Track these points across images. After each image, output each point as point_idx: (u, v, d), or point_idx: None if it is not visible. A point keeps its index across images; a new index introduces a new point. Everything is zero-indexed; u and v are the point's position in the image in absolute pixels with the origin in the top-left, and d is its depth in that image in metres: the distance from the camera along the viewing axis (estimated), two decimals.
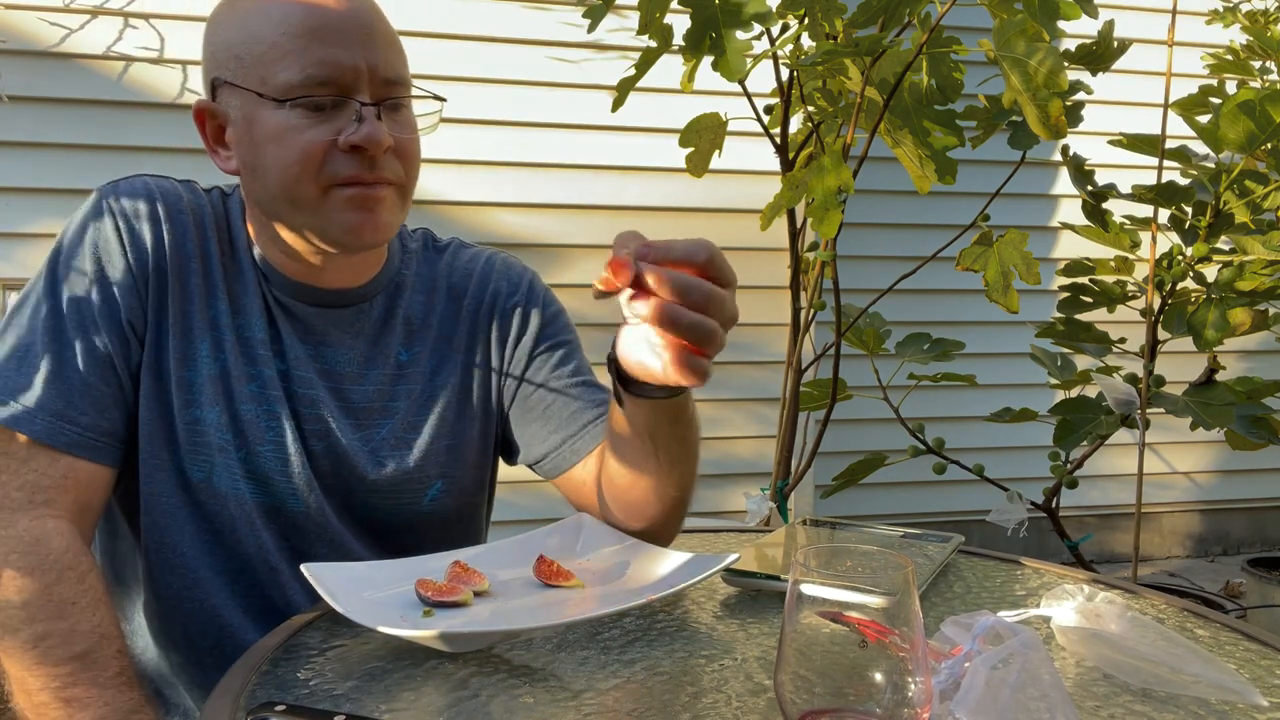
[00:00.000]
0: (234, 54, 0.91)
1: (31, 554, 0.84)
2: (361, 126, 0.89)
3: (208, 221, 0.98)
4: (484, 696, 0.69)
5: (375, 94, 0.92)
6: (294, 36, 0.89)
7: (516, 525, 0.93)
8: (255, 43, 0.90)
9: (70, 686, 0.80)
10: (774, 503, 2.13)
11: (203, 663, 0.98)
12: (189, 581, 0.96)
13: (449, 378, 1.06)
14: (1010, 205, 2.49)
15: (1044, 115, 1.59)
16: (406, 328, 1.05)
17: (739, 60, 1.64)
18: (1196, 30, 2.97)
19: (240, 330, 0.97)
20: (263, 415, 0.96)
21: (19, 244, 2.60)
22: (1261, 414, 1.91)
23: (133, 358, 0.93)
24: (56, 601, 0.83)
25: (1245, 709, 0.70)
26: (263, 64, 0.90)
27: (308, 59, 0.89)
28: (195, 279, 0.95)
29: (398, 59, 0.95)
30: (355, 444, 1.00)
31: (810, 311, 2.12)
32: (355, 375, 1.02)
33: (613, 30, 2.89)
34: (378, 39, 0.92)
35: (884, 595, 0.56)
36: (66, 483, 0.89)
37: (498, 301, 1.09)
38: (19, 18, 2.57)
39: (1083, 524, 3.54)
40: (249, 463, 0.96)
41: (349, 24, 0.90)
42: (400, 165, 0.94)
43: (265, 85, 0.90)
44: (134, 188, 0.95)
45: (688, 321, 0.72)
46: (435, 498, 1.05)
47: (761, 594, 0.93)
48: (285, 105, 0.89)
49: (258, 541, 0.97)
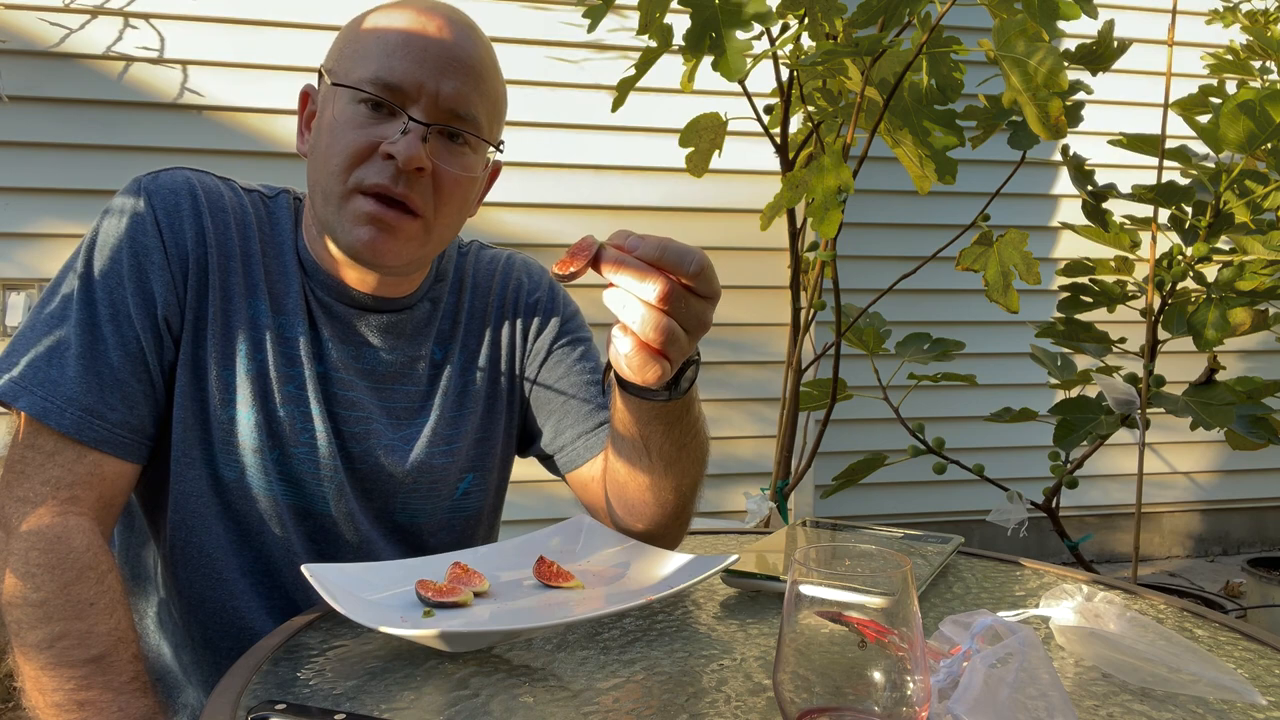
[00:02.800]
0: (341, 49, 0.95)
1: (52, 551, 0.83)
2: (402, 140, 0.90)
3: (249, 220, 0.97)
4: (484, 696, 0.69)
5: (432, 116, 0.92)
6: (388, 43, 0.92)
7: (517, 525, 0.93)
8: (360, 42, 0.94)
9: (85, 690, 0.80)
10: (774, 503, 2.13)
11: (219, 663, 0.97)
12: (213, 581, 0.95)
13: (478, 373, 1.08)
14: (1010, 205, 2.49)
15: (1044, 115, 1.59)
16: (440, 326, 1.07)
17: (739, 60, 1.64)
18: (1196, 30, 2.97)
19: (280, 330, 0.96)
20: (298, 417, 0.96)
21: (19, 244, 2.60)
22: (1261, 414, 1.91)
23: (166, 355, 0.92)
24: (75, 601, 0.82)
25: (1244, 708, 0.70)
26: (354, 60, 0.93)
27: (384, 63, 0.91)
28: (236, 277, 0.95)
29: (473, 96, 0.95)
30: (395, 443, 1.01)
31: (810, 311, 2.12)
32: (395, 376, 1.02)
33: (613, 30, 2.90)
34: (461, 71, 0.93)
35: (883, 595, 0.56)
36: (92, 480, 0.88)
37: (520, 297, 1.11)
38: (19, 18, 2.57)
39: (1083, 524, 3.54)
40: (282, 464, 0.96)
41: (436, 48, 0.92)
42: (433, 196, 0.93)
43: (345, 77, 0.93)
44: (175, 181, 0.94)
45: (637, 315, 0.74)
46: (467, 491, 1.06)
47: (761, 594, 0.93)
48: (348, 94, 0.92)
49: (286, 543, 0.96)
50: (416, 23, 0.93)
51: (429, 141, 0.91)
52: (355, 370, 1.00)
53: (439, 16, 0.94)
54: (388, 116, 0.91)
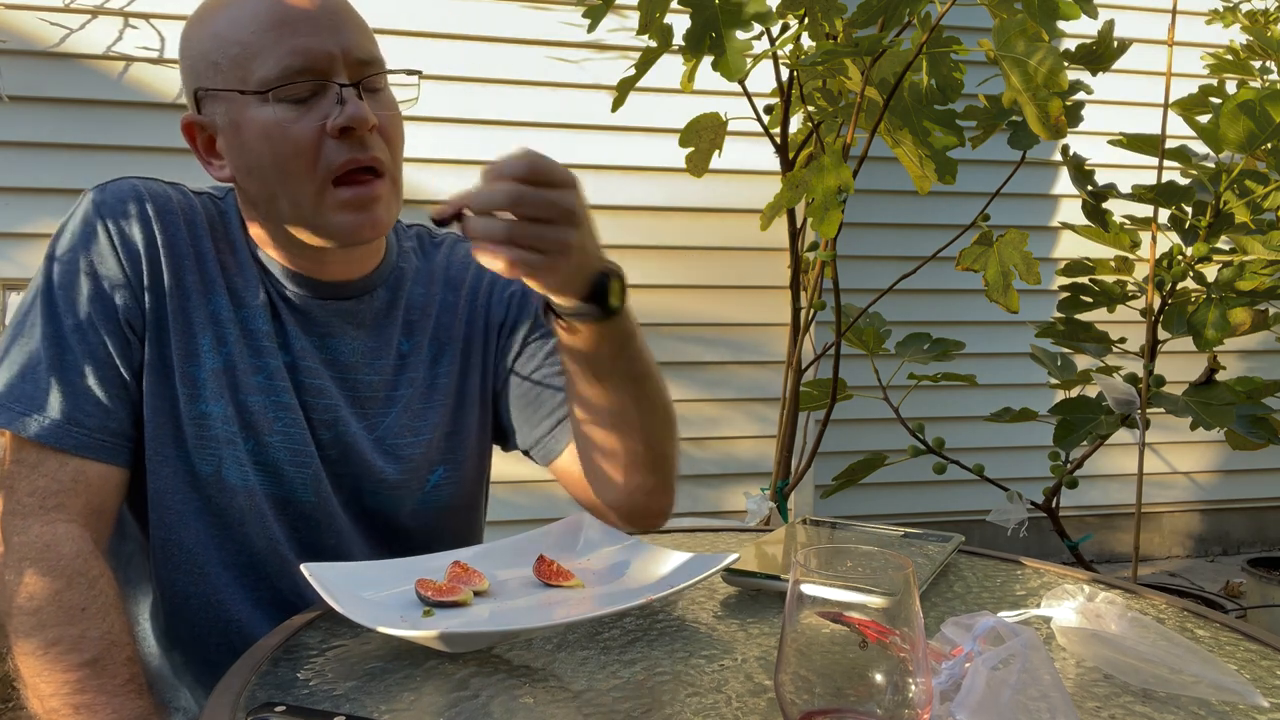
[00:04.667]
0: (210, 61, 0.92)
1: (42, 560, 0.85)
2: (345, 108, 0.90)
3: (199, 220, 0.98)
4: (484, 696, 0.69)
5: (351, 75, 0.92)
6: (265, 32, 0.90)
7: (516, 525, 0.93)
8: (229, 45, 0.91)
9: (80, 693, 0.80)
10: (774, 503, 2.13)
11: (209, 659, 0.98)
12: (196, 577, 0.97)
13: (449, 366, 1.08)
14: (1010, 205, 2.49)
15: (1044, 115, 1.59)
16: (407, 318, 1.07)
17: (739, 60, 1.64)
18: (1196, 30, 2.97)
19: (244, 323, 0.98)
20: (271, 405, 0.97)
21: (19, 244, 2.60)
22: (1261, 414, 1.91)
23: (134, 357, 0.94)
24: (66, 607, 0.84)
25: (1246, 710, 0.70)
26: (240, 64, 0.90)
27: (282, 50, 0.89)
28: (191, 276, 0.96)
29: (368, 40, 0.95)
30: (361, 432, 1.02)
31: (810, 311, 2.12)
32: (359, 365, 1.03)
33: (613, 30, 2.89)
34: (346, 22, 0.93)
35: (884, 595, 0.55)
36: (77, 486, 0.90)
37: (494, 290, 1.11)
38: (19, 18, 2.57)
39: (1083, 524, 3.54)
40: (258, 454, 0.97)
41: (316, 12, 0.91)
42: (386, 147, 0.95)
43: (246, 84, 0.90)
44: (121, 190, 0.95)
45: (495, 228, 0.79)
46: (437, 484, 1.06)
47: (761, 594, 0.93)
48: (269, 100, 0.90)
49: (267, 533, 0.97)
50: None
51: (363, 98, 0.92)
52: (320, 359, 1.01)
53: None
54: (312, 99, 0.91)
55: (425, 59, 2.83)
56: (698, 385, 3.04)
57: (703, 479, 3.09)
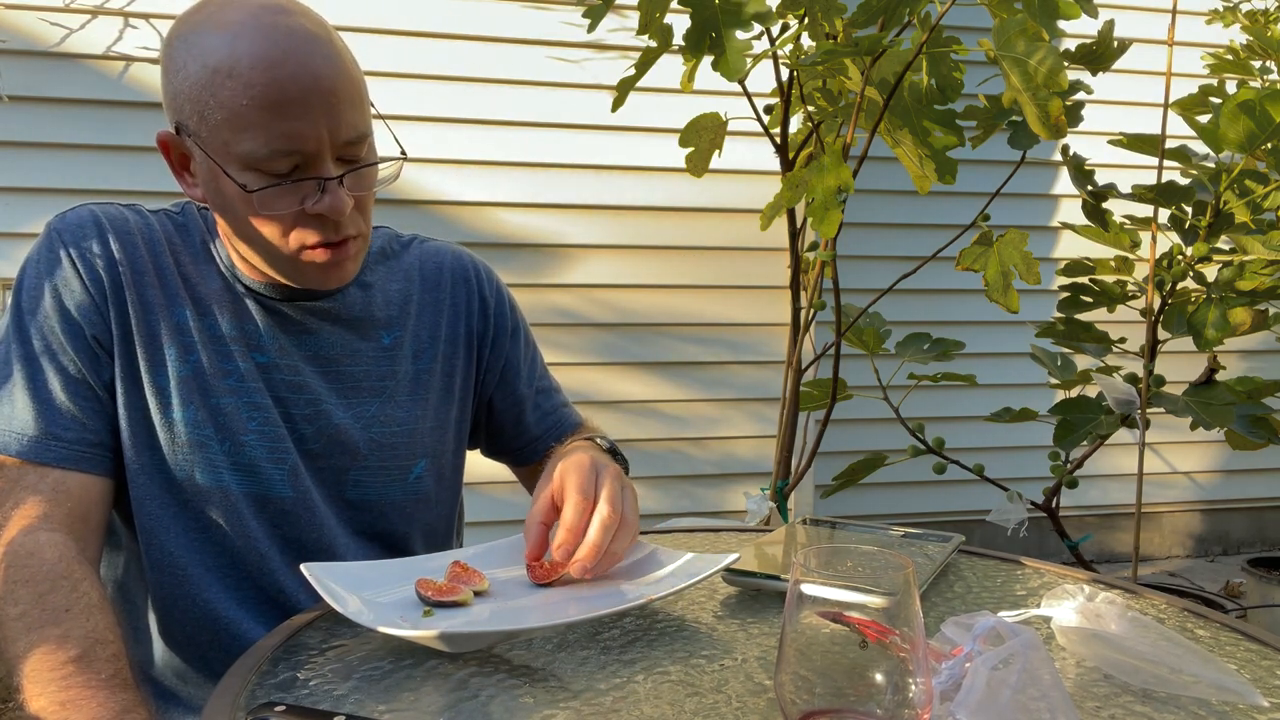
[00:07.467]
0: (197, 109, 0.90)
1: (25, 567, 0.87)
2: (325, 197, 0.92)
3: (156, 237, 1.01)
4: (484, 696, 0.69)
5: (337, 157, 0.92)
6: (257, 109, 0.87)
7: (516, 525, 0.93)
8: (218, 107, 0.88)
9: (65, 690, 0.81)
10: (774, 503, 2.13)
11: (205, 658, 1.01)
12: (180, 579, 0.99)
13: (431, 362, 1.11)
14: (1010, 205, 2.49)
15: (1044, 115, 1.59)
16: (386, 314, 1.09)
17: (739, 60, 1.64)
18: (1196, 30, 2.97)
19: (210, 330, 1.00)
20: (244, 406, 1.00)
21: (19, 244, 2.60)
22: (1261, 414, 1.91)
23: (105, 371, 0.97)
24: (50, 610, 0.85)
25: (1246, 709, 0.70)
26: (225, 130, 0.89)
27: (272, 133, 0.88)
28: (152, 291, 0.99)
29: (359, 115, 0.93)
30: (347, 420, 1.05)
31: (810, 311, 2.12)
32: (342, 358, 1.06)
33: (613, 30, 2.90)
34: (341, 100, 0.91)
35: (884, 595, 0.55)
36: (58, 496, 0.92)
37: (473, 299, 1.16)
38: (19, 18, 2.57)
39: (1083, 524, 3.54)
40: (235, 454, 0.99)
41: (311, 96, 0.88)
42: (360, 218, 0.97)
43: (228, 152, 0.90)
44: (80, 217, 0.99)
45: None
46: (420, 476, 1.10)
47: (761, 594, 0.93)
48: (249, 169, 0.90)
49: (245, 532, 1.00)
50: (274, 53, 0.87)
51: (344, 183, 0.93)
52: (299, 356, 1.03)
53: (287, 34, 0.89)
54: (294, 170, 0.91)
55: (425, 59, 2.83)
56: (698, 385, 3.04)
57: (703, 479, 3.09)
